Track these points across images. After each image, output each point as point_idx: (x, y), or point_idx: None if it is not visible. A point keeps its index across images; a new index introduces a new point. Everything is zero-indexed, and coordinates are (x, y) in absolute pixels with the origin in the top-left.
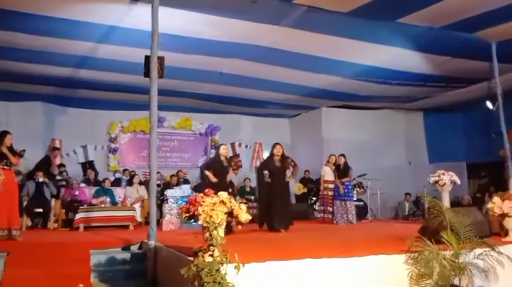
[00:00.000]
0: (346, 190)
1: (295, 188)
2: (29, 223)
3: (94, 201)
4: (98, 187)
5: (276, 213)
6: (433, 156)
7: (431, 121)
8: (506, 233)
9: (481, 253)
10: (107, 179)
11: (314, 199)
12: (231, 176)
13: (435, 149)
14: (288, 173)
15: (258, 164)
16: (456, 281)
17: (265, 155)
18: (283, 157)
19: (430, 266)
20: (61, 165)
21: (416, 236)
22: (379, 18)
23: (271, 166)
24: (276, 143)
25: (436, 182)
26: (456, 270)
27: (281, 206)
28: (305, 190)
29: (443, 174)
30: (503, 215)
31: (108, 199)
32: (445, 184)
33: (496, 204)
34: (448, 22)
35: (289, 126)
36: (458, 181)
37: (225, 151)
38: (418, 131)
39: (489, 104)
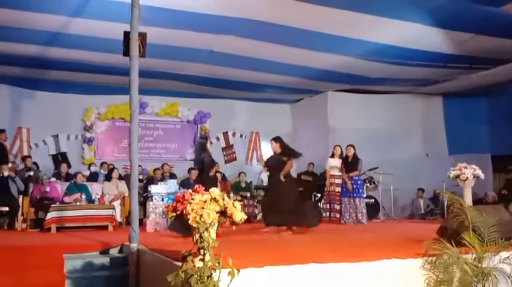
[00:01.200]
0: (355, 186)
1: None
2: None
3: (67, 199)
4: (69, 183)
5: (271, 209)
6: (453, 147)
7: (451, 107)
8: None
9: (508, 257)
10: (79, 173)
11: (319, 195)
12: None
13: (456, 139)
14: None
15: (255, 155)
16: None
17: (263, 145)
18: (283, 153)
19: (449, 272)
20: (27, 157)
21: (434, 237)
22: None
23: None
24: (271, 140)
25: (457, 176)
26: (479, 276)
27: (272, 202)
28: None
29: (465, 167)
30: None
31: (83, 196)
32: (467, 178)
33: None
34: None
35: (290, 113)
36: (482, 175)
37: None
38: (437, 119)
39: None
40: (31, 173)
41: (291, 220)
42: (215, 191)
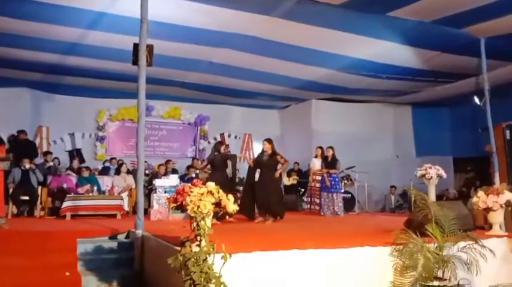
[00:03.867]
0: (333, 182)
1: (284, 179)
2: (15, 211)
3: (80, 190)
4: (79, 175)
5: (258, 203)
6: (420, 150)
7: (419, 115)
8: (490, 227)
9: (465, 246)
10: (84, 168)
11: (302, 190)
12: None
13: (422, 143)
14: (279, 166)
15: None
16: (440, 274)
17: (255, 146)
18: (273, 153)
19: (414, 259)
20: (48, 152)
21: (401, 228)
22: (370, 11)
23: (260, 160)
24: (264, 139)
25: (423, 175)
26: (440, 263)
27: (261, 197)
28: (294, 182)
29: (429, 168)
30: (488, 209)
31: (95, 188)
32: (431, 177)
33: (481, 198)
34: (438, 17)
35: (279, 117)
36: (445, 175)
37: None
38: (406, 125)
39: (476, 100)
40: (51, 164)
41: (276, 210)
42: (211, 185)
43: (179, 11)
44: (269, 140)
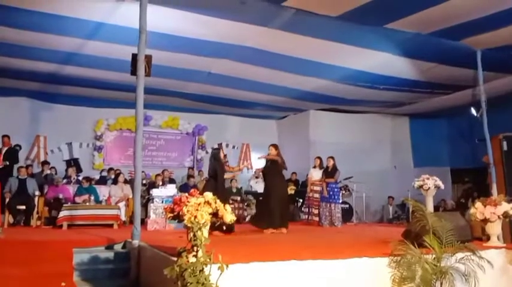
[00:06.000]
0: (331, 192)
1: None
2: (11, 220)
3: (77, 199)
4: (78, 185)
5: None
6: (418, 160)
7: (416, 126)
8: (488, 238)
9: (463, 258)
10: (84, 178)
11: (300, 200)
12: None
13: (420, 154)
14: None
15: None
16: (438, 285)
17: (253, 156)
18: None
19: (412, 270)
20: (46, 163)
21: (399, 239)
22: (368, 23)
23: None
24: (270, 145)
25: (421, 186)
26: (438, 274)
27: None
28: (292, 192)
29: (427, 178)
30: (485, 221)
31: (92, 197)
32: (429, 188)
33: (478, 209)
34: (435, 29)
35: (276, 128)
36: (442, 186)
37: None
38: (404, 136)
39: (473, 111)
40: (47, 172)
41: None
42: (208, 195)
43: (178, 22)
44: (275, 145)
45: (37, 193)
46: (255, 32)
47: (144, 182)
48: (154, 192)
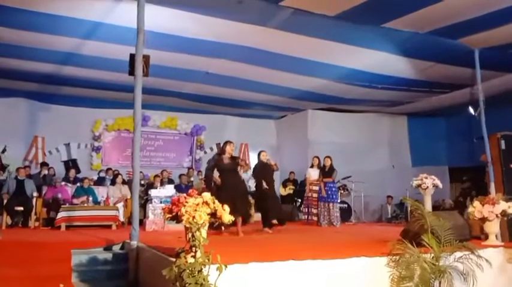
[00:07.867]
0: (329, 192)
1: (280, 189)
2: (9, 221)
3: (75, 201)
4: (76, 186)
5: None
6: (416, 160)
7: (415, 125)
8: (486, 237)
9: (461, 257)
10: (86, 178)
11: (299, 200)
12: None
13: (418, 153)
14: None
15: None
16: (436, 284)
17: (251, 156)
18: (233, 157)
19: (411, 269)
20: (45, 164)
21: (398, 239)
22: (366, 23)
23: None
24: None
25: (419, 185)
26: (436, 273)
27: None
28: (290, 191)
29: (425, 177)
30: (484, 219)
31: (90, 198)
32: (427, 187)
33: (477, 208)
34: (433, 28)
35: (275, 127)
36: (440, 185)
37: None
38: (402, 135)
39: (471, 110)
40: (45, 173)
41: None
42: (206, 195)
43: (176, 22)
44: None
45: (35, 194)
46: (253, 31)
47: (142, 182)
48: (153, 193)
